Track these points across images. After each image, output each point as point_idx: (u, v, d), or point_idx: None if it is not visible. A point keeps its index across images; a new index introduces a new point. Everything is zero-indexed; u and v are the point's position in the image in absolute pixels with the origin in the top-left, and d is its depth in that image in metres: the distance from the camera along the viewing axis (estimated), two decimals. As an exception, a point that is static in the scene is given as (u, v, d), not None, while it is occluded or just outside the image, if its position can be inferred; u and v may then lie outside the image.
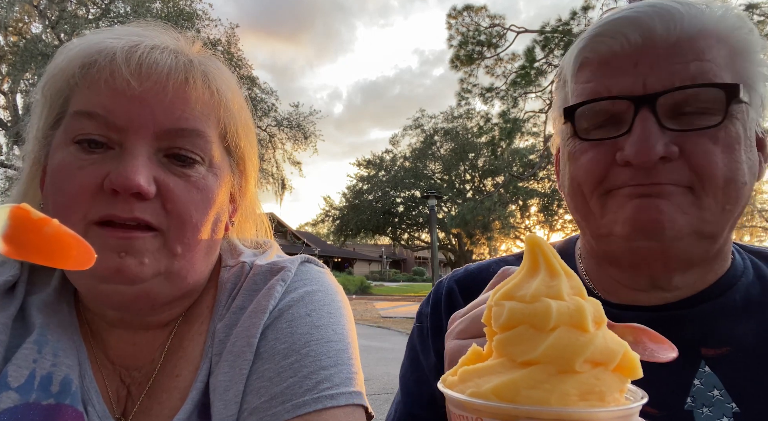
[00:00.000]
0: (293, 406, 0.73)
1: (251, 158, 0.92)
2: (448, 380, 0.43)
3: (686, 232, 0.71)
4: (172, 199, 0.74)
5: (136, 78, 0.73)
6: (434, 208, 22.59)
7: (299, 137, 24.90)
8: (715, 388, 0.73)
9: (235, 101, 0.85)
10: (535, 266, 0.43)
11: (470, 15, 18.67)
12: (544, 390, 0.36)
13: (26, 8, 17.29)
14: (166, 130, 0.74)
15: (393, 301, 26.96)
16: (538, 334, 0.38)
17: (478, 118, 25.79)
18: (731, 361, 0.74)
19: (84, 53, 0.75)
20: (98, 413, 0.78)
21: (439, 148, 43.23)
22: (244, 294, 0.85)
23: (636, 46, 0.73)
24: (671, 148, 0.70)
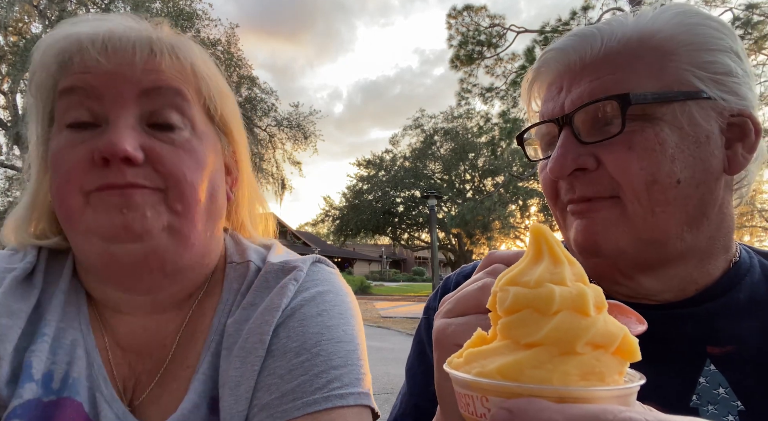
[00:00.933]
0: (303, 404, 0.74)
1: (236, 125, 0.93)
2: (454, 361, 0.45)
3: (623, 243, 0.75)
4: (162, 161, 0.76)
5: (103, 56, 0.76)
6: (434, 208, 22.60)
7: (299, 137, 24.90)
8: (721, 386, 0.74)
9: (206, 68, 0.87)
10: (539, 253, 0.44)
11: (470, 15, 18.67)
12: (547, 370, 0.38)
13: (26, 8, 17.29)
14: (143, 90, 0.77)
15: (393, 301, 26.97)
16: (541, 317, 0.40)
17: (478, 118, 25.83)
18: (736, 359, 0.75)
19: (55, 44, 0.78)
20: (106, 397, 0.79)
21: (439, 148, 43.24)
22: (256, 291, 0.87)
23: (559, 73, 0.82)
24: (584, 160, 0.76)
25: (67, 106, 0.77)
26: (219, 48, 20.70)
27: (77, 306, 0.85)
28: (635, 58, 0.76)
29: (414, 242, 48.83)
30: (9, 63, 17.75)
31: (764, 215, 18.23)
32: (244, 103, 22.30)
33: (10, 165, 18.94)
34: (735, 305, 0.78)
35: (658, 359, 0.77)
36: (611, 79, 0.75)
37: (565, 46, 0.81)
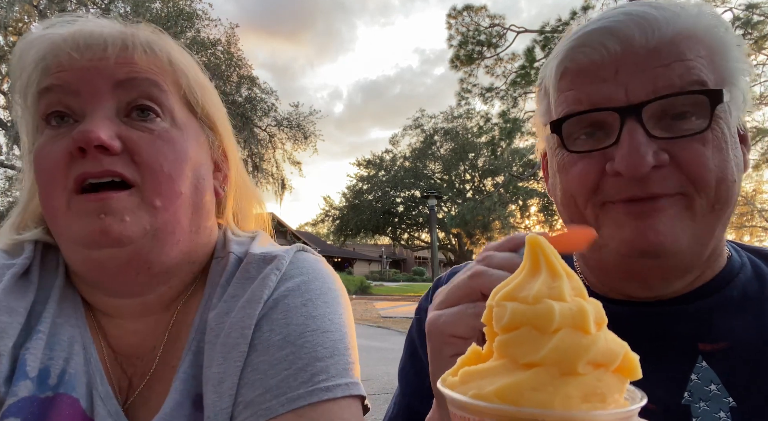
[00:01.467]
0: (288, 400, 0.72)
1: (221, 119, 0.92)
2: (449, 380, 0.43)
3: (684, 244, 0.72)
4: (139, 151, 0.76)
5: (76, 51, 0.76)
6: (434, 208, 22.60)
7: (299, 137, 24.91)
8: (712, 382, 0.74)
9: (184, 61, 0.86)
10: (537, 266, 0.43)
11: (470, 15, 18.68)
12: (548, 392, 0.36)
13: (26, 8, 17.29)
14: (117, 81, 0.77)
15: (393, 301, 26.97)
16: (540, 336, 0.38)
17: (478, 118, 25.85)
18: (728, 356, 0.75)
19: (30, 47, 0.79)
20: (101, 394, 0.78)
21: (439, 148, 43.27)
22: (237, 283, 0.84)
23: (615, 54, 0.73)
24: (661, 157, 0.71)
25: (47, 105, 0.77)
26: (219, 48, 20.72)
27: (74, 303, 0.85)
28: (697, 46, 0.72)
29: (414, 242, 48.85)
30: (9, 63, 17.75)
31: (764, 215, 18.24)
32: (244, 103, 22.30)
33: (10, 165, 18.94)
34: (728, 302, 0.78)
35: (651, 357, 0.76)
36: (682, 67, 0.71)
37: (624, 23, 0.73)
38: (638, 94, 0.72)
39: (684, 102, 0.71)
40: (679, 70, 0.70)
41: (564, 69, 0.78)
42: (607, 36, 0.74)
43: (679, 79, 0.70)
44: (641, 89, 0.71)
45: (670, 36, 0.72)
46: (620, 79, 0.73)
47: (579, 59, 0.76)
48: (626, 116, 0.72)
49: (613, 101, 0.73)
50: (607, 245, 0.76)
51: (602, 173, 0.75)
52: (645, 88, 0.71)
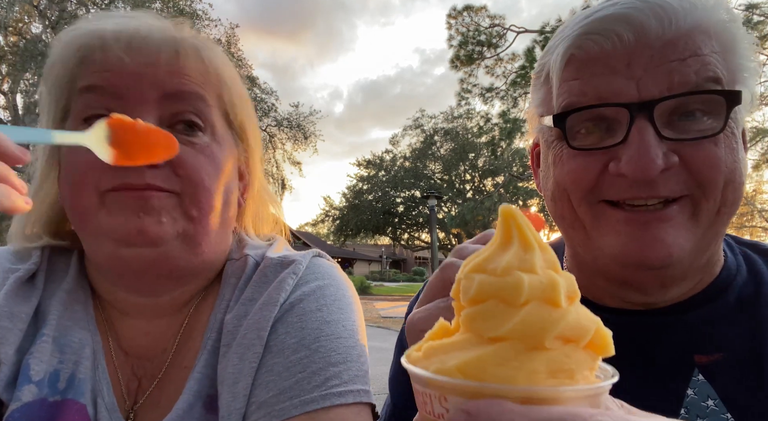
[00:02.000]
0: (301, 402, 0.72)
1: (253, 131, 0.93)
2: (413, 355, 0.42)
3: (688, 249, 0.68)
4: (183, 164, 0.76)
5: (127, 54, 0.75)
6: (434, 208, 22.60)
7: (299, 137, 24.94)
8: (710, 398, 0.70)
9: (228, 73, 0.86)
10: (508, 238, 0.41)
11: (470, 15, 18.68)
12: (512, 368, 0.35)
13: (26, 8, 17.29)
14: (166, 93, 0.76)
15: (393, 301, 26.96)
16: (508, 309, 0.37)
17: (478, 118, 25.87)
18: (726, 368, 0.71)
19: (77, 39, 0.77)
20: (107, 405, 0.79)
21: (439, 148, 43.27)
22: (254, 286, 0.85)
23: (629, 44, 0.67)
24: (671, 159, 0.66)
25: (86, 104, 0.76)
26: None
27: (84, 306, 0.85)
28: (711, 42, 0.67)
29: (414, 242, 48.84)
30: (9, 63, 17.75)
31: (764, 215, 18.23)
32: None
33: (10, 165, 18.88)
34: (724, 310, 0.74)
35: (643, 370, 0.73)
36: (699, 62, 0.66)
37: (640, 11, 0.67)
38: (651, 90, 0.66)
39: (698, 100, 0.66)
40: (695, 66, 0.66)
41: (570, 56, 0.72)
42: (621, 23, 0.68)
43: (695, 75, 0.66)
44: (654, 85, 0.66)
45: (686, 28, 0.67)
46: (632, 72, 0.67)
47: (588, 47, 0.70)
48: (636, 114, 0.66)
49: (623, 96, 0.68)
50: (602, 250, 0.72)
51: (603, 171, 0.70)
52: (659, 85, 0.66)
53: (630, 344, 0.75)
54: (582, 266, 0.83)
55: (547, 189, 0.80)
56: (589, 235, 0.74)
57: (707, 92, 0.66)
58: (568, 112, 0.72)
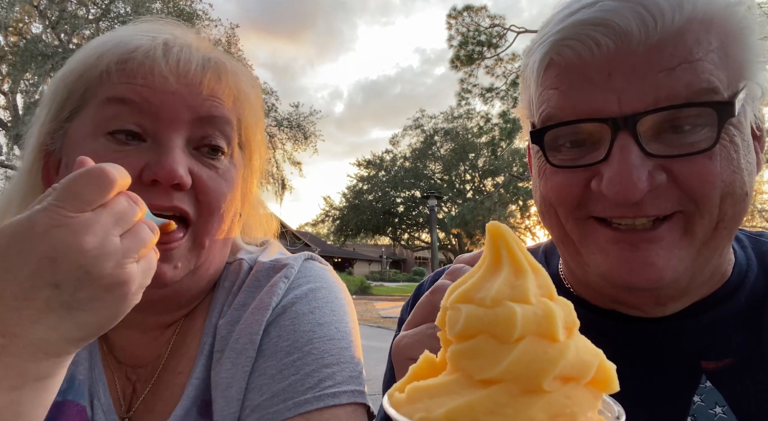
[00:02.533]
0: (295, 404, 0.73)
1: (260, 154, 0.93)
2: (395, 397, 0.37)
3: (682, 272, 0.63)
4: (205, 190, 0.77)
5: (173, 75, 0.75)
6: (434, 208, 22.60)
7: (299, 137, 24.92)
8: (717, 405, 0.67)
9: (253, 96, 0.87)
10: (497, 260, 0.37)
11: (470, 15, 18.68)
12: (506, 416, 0.31)
13: (26, 8, 17.27)
14: (199, 117, 0.77)
15: (393, 301, 26.94)
16: (500, 346, 0.33)
17: (478, 119, 25.87)
18: (734, 373, 0.67)
19: (120, 50, 0.76)
20: (103, 406, 0.79)
21: (439, 149, 43.24)
22: (247, 291, 0.85)
23: (608, 52, 0.61)
24: (657, 178, 0.60)
25: (115, 115, 0.74)
26: (219, 48, 20.69)
27: None
28: (708, 37, 0.59)
29: (414, 242, 48.82)
30: (9, 63, 17.74)
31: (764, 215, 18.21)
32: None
33: (10, 165, 18.93)
34: (734, 313, 0.70)
35: (649, 377, 0.71)
36: (690, 72, 0.58)
37: (619, 14, 0.59)
38: (634, 103, 0.60)
39: (687, 113, 0.60)
40: (685, 77, 0.58)
41: (549, 60, 0.66)
42: (599, 28, 0.60)
43: (686, 88, 0.58)
44: (638, 99, 0.60)
45: (677, 26, 0.59)
46: (613, 84, 0.61)
47: (565, 53, 0.64)
48: (618, 129, 0.60)
49: (603, 111, 0.61)
50: (591, 268, 0.68)
51: (587, 188, 0.66)
52: (643, 98, 0.60)
53: (635, 350, 0.73)
54: (575, 275, 0.80)
55: (536, 200, 0.77)
56: (579, 251, 0.70)
57: (695, 105, 0.59)
58: (545, 128, 0.67)
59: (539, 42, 0.69)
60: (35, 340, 0.52)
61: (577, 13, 0.63)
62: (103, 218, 0.53)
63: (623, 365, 0.72)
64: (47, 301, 0.52)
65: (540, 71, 0.68)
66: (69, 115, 0.78)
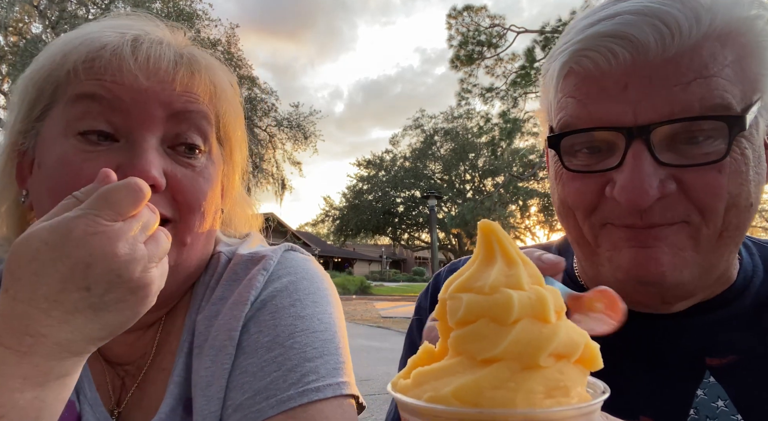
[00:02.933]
0: (277, 401, 0.71)
1: (240, 149, 0.92)
2: (400, 383, 0.40)
3: (687, 275, 0.67)
4: (182, 190, 0.75)
5: (143, 73, 0.72)
6: (434, 208, 22.61)
7: (299, 137, 24.92)
8: (720, 399, 0.69)
9: (230, 91, 0.85)
10: (491, 254, 0.40)
11: (470, 15, 18.69)
12: (509, 389, 0.34)
13: (26, 8, 17.29)
14: (174, 113, 0.75)
15: (393, 301, 26.95)
16: (499, 328, 0.36)
17: (478, 119, 25.88)
18: (738, 370, 0.70)
19: (87, 48, 0.73)
20: (89, 400, 0.78)
21: (439, 149, 43.27)
22: (225, 284, 0.83)
23: (625, 64, 0.63)
24: (668, 187, 0.64)
25: (85, 112, 0.72)
26: (219, 48, 20.70)
27: None
28: (724, 52, 0.62)
29: (414, 242, 48.84)
30: (9, 63, 17.75)
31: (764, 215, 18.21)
32: (244, 103, 22.18)
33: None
34: (739, 313, 0.73)
35: (654, 370, 0.74)
36: (704, 87, 0.61)
37: (637, 27, 0.62)
38: (649, 114, 0.63)
39: (700, 126, 0.62)
40: (699, 92, 0.61)
41: (569, 69, 0.70)
42: (617, 40, 0.63)
43: (699, 102, 0.61)
44: (653, 110, 0.63)
45: (693, 40, 0.61)
46: (629, 96, 0.64)
47: (584, 64, 0.67)
48: (632, 138, 0.63)
49: (618, 121, 0.65)
50: (603, 266, 0.72)
51: (601, 194, 0.69)
52: (658, 111, 0.62)
53: (641, 345, 0.75)
54: (588, 274, 0.83)
55: (555, 202, 0.80)
56: (594, 251, 0.74)
57: (707, 118, 0.61)
58: (562, 134, 0.70)
59: (560, 50, 0.72)
60: (61, 340, 0.55)
61: (597, 25, 0.66)
62: (133, 227, 0.58)
63: (630, 358, 0.76)
64: (76, 303, 0.55)
65: (559, 78, 0.71)
66: (40, 114, 0.76)
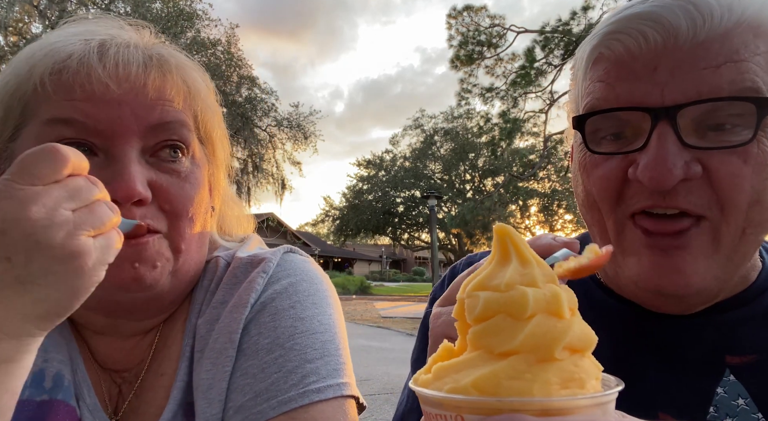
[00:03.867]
0: (278, 403, 0.71)
1: (222, 146, 0.91)
2: (421, 378, 0.42)
3: (711, 279, 0.66)
4: (168, 199, 0.75)
5: (114, 80, 0.70)
6: (434, 208, 22.60)
7: (299, 137, 24.92)
8: (740, 397, 0.69)
9: (203, 89, 0.84)
10: (506, 254, 0.42)
11: (470, 15, 18.67)
12: (526, 380, 0.35)
13: (26, 8, 17.28)
14: (151, 126, 0.73)
15: (393, 301, 26.95)
16: (515, 323, 0.38)
17: (478, 118, 25.84)
18: (758, 369, 0.70)
19: (52, 59, 0.71)
20: (89, 406, 0.78)
21: (439, 148, 43.23)
22: (225, 288, 0.84)
23: (656, 47, 0.63)
24: (693, 170, 0.62)
25: (59, 136, 0.69)
26: (219, 48, 20.71)
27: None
28: (756, 41, 0.62)
29: (414, 242, 48.81)
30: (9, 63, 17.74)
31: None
32: (244, 103, 22.30)
33: (10, 165, 18.89)
34: (760, 312, 0.73)
35: (675, 369, 0.74)
36: (734, 70, 0.60)
37: (669, 9, 0.62)
38: (676, 96, 0.62)
39: (728, 110, 0.62)
40: (729, 75, 0.60)
41: (599, 54, 0.70)
42: (648, 23, 0.63)
43: (729, 85, 0.60)
44: (680, 92, 0.62)
45: (725, 27, 0.61)
46: (658, 78, 0.63)
47: (614, 47, 0.67)
48: (658, 119, 0.63)
49: (646, 102, 0.64)
50: (623, 270, 0.71)
51: (624, 179, 0.68)
52: (685, 92, 0.62)
53: (661, 342, 0.75)
54: (607, 273, 0.82)
55: (578, 194, 0.79)
56: (618, 241, 0.73)
57: (734, 99, 0.60)
58: (587, 115, 0.70)
59: (592, 35, 0.72)
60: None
61: (630, 8, 0.66)
62: (54, 192, 0.53)
63: (650, 355, 0.76)
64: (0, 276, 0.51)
65: (589, 63, 0.71)
66: (12, 134, 0.74)
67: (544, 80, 18.99)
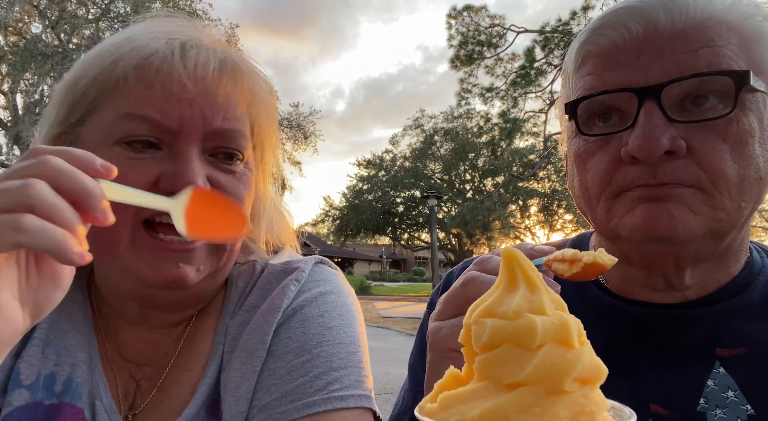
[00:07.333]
0: (303, 405, 0.73)
1: (273, 152, 0.93)
2: (427, 407, 0.41)
3: (699, 233, 0.69)
4: None
5: (191, 81, 0.73)
6: (434, 208, 22.61)
7: (299, 137, 24.93)
8: (730, 389, 0.71)
9: (267, 98, 0.86)
10: (514, 279, 0.41)
11: (470, 15, 18.67)
12: (535, 414, 0.34)
13: (26, 8, 17.29)
14: (213, 131, 0.76)
15: (393, 301, 26.96)
16: (523, 353, 0.36)
17: (478, 118, 25.86)
18: (747, 361, 0.72)
19: (137, 55, 0.73)
20: (105, 407, 0.79)
21: (439, 148, 43.26)
22: (258, 293, 0.87)
23: (638, 36, 0.70)
24: (678, 142, 0.67)
25: (132, 130, 0.72)
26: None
27: (83, 308, 0.85)
28: (729, 34, 0.68)
29: (414, 242, 48.83)
30: (9, 63, 17.75)
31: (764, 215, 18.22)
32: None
33: (9, 165, 18.91)
34: (748, 305, 0.75)
35: (666, 360, 0.75)
36: (711, 54, 0.67)
37: (649, 4, 0.70)
38: (659, 76, 0.68)
39: (707, 87, 0.67)
40: (707, 58, 0.67)
41: (586, 52, 0.76)
42: (630, 16, 0.71)
43: (707, 66, 0.66)
44: (663, 73, 0.68)
45: (699, 20, 0.68)
46: (641, 63, 0.70)
47: (600, 42, 0.74)
48: (644, 98, 0.68)
49: (631, 84, 0.70)
50: (620, 234, 0.74)
51: (616, 162, 0.72)
52: (667, 73, 0.68)
53: (654, 335, 0.77)
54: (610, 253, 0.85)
55: (574, 187, 0.83)
56: (606, 227, 0.77)
57: (713, 73, 0.66)
58: (578, 100, 0.75)
59: (579, 36, 0.79)
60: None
61: (613, 8, 0.74)
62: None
63: (641, 346, 0.78)
64: None
65: (577, 62, 0.78)
66: (78, 119, 0.76)
67: (544, 80, 19.00)
